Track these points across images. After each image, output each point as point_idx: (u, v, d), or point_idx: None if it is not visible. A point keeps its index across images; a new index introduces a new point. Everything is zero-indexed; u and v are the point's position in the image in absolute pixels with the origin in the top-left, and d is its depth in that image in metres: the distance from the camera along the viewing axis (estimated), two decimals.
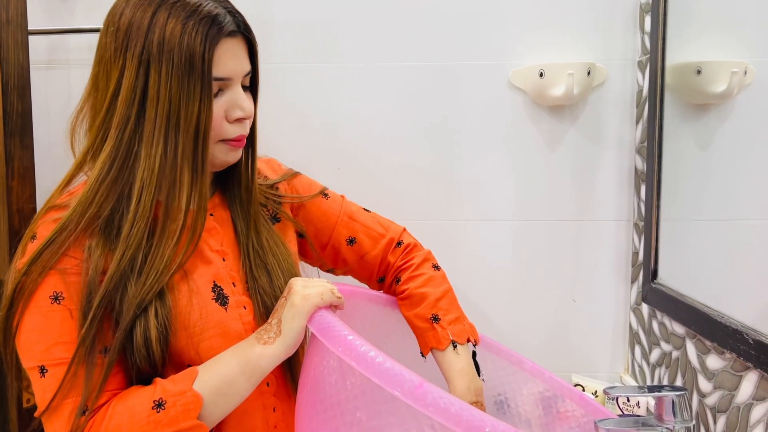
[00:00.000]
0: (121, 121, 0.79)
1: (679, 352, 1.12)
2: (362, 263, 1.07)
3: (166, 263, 0.79)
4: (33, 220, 0.83)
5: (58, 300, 0.76)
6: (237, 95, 0.85)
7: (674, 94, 1.17)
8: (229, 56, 0.83)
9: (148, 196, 0.79)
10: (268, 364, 0.79)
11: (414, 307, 1.01)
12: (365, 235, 1.06)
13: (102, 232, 0.79)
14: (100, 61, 0.83)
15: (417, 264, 1.06)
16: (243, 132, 0.87)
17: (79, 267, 0.78)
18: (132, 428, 0.73)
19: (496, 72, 1.34)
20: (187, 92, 0.79)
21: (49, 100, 1.37)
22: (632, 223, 1.36)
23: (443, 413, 0.59)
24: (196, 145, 0.81)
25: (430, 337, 0.98)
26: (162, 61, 0.78)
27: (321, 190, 1.07)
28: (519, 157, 1.36)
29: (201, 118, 0.80)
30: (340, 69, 1.36)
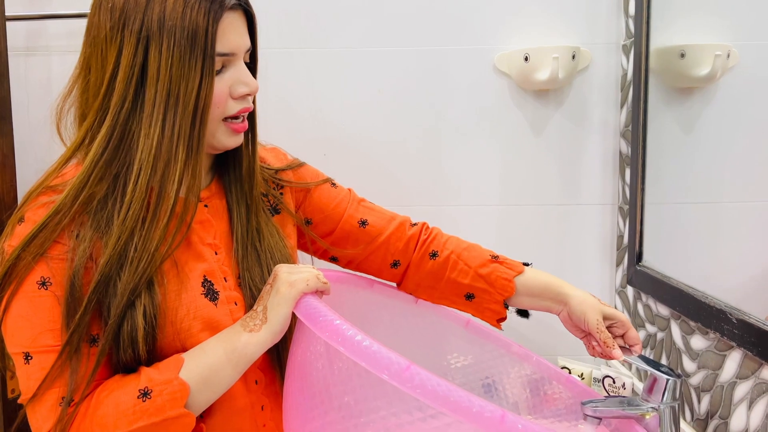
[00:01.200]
0: (118, 101, 0.77)
1: (664, 333, 1.13)
2: (374, 245, 1.04)
3: (156, 246, 0.78)
4: (22, 202, 0.79)
5: (46, 286, 0.75)
6: (241, 71, 0.83)
7: (658, 77, 1.17)
8: (232, 31, 0.80)
9: (144, 178, 0.77)
10: (255, 351, 0.78)
11: (470, 261, 1.01)
12: (377, 217, 1.05)
13: (93, 217, 0.77)
14: (94, 42, 0.80)
15: (439, 233, 1.07)
16: (246, 106, 0.85)
17: (65, 253, 0.76)
18: (118, 418, 0.72)
19: (481, 56, 1.34)
20: (188, 69, 0.76)
21: (28, 88, 1.35)
22: (617, 206, 1.36)
23: (431, 395, 0.59)
24: (193, 123, 0.78)
25: (505, 270, 0.99)
26: (163, 38, 0.76)
27: (328, 178, 1.06)
28: (504, 142, 1.36)
29: (201, 95, 0.78)
30: (325, 54, 1.35)
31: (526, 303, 1.00)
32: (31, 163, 1.23)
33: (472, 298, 1.01)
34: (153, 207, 0.78)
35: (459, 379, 1.12)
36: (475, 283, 1.00)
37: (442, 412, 0.59)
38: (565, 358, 1.36)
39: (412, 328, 1.07)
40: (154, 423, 0.72)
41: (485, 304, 1.01)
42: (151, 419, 0.72)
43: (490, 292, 0.99)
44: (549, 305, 0.98)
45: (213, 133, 0.83)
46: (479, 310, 1.02)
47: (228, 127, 0.84)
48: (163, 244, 0.78)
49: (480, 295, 1.00)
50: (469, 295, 1.01)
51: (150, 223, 0.78)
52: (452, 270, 1.02)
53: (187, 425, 0.74)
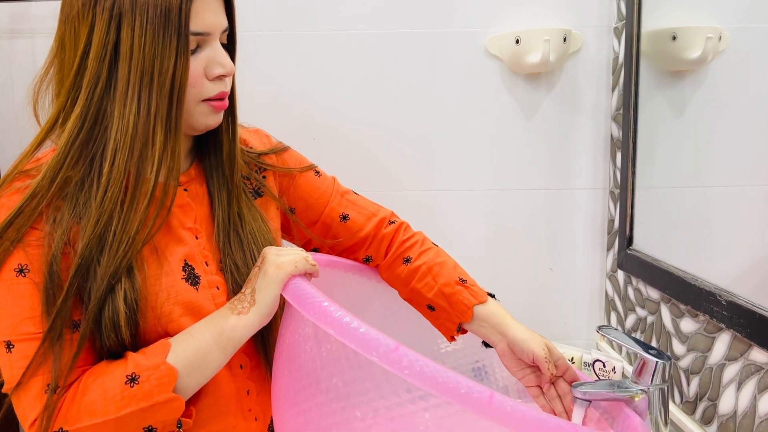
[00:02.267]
0: (91, 80, 0.75)
1: (654, 316, 1.13)
2: (353, 240, 1.03)
3: (137, 229, 0.76)
4: (1, 181, 0.78)
5: (24, 273, 0.73)
6: (216, 51, 0.81)
7: (650, 60, 1.17)
8: (207, 9, 0.78)
9: (122, 159, 0.75)
10: (243, 334, 0.78)
11: (438, 278, 0.99)
12: (358, 213, 1.04)
13: (70, 201, 0.76)
14: (66, 20, 0.78)
15: (422, 240, 1.05)
16: (224, 89, 0.83)
17: (41, 239, 0.74)
18: (106, 404, 0.71)
19: (472, 39, 1.33)
20: (162, 47, 0.75)
21: (12, 70, 1.33)
22: (608, 190, 1.36)
23: (419, 376, 0.59)
24: (170, 103, 0.77)
25: (467, 296, 0.97)
26: (135, 15, 0.74)
27: (312, 165, 1.04)
28: (495, 126, 1.35)
29: (177, 75, 0.76)
30: (314, 37, 1.34)
31: (473, 329, 0.98)
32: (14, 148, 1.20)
33: (433, 310, 1.01)
34: (131, 190, 0.77)
35: (449, 363, 1.12)
36: (436, 299, 0.99)
37: (430, 393, 0.59)
38: (556, 343, 1.35)
39: (403, 313, 1.07)
40: (142, 408, 0.71)
41: (441, 320, 1.00)
42: (140, 405, 0.71)
43: (449, 312, 0.98)
44: (488, 333, 0.96)
45: (191, 113, 0.82)
46: (437, 323, 1.02)
47: (208, 105, 0.82)
48: (143, 229, 0.77)
49: (439, 311, 1.00)
50: (431, 306, 1.01)
51: (129, 207, 0.76)
52: (419, 281, 1.01)
53: (177, 409, 0.73)
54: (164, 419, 0.73)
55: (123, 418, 0.71)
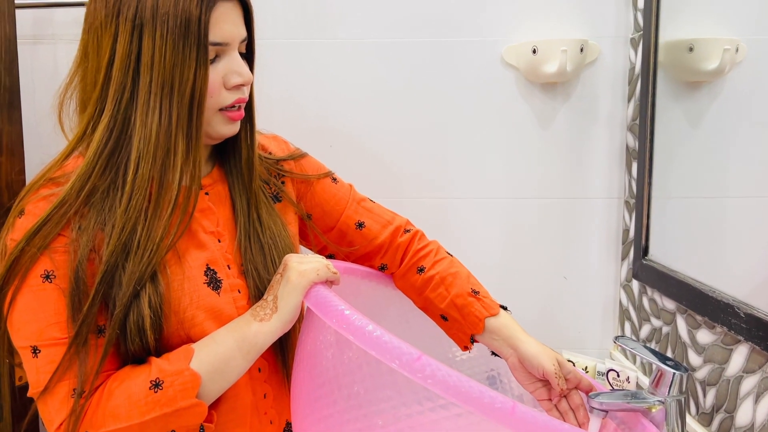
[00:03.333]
0: (117, 90, 0.76)
1: (670, 327, 1.13)
2: (369, 248, 1.04)
3: (161, 237, 0.77)
4: (21, 195, 0.79)
5: (50, 278, 0.74)
6: (234, 61, 0.82)
7: (666, 71, 1.17)
8: (226, 20, 0.79)
9: (146, 167, 0.76)
10: (265, 340, 0.79)
11: (451, 288, 0.99)
12: (373, 221, 1.04)
13: (96, 208, 0.77)
14: (90, 29, 0.79)
15: (436, 250, 1.05)
16: (242, 96, 0.84)
17: (67, 246, 0.75)
18: (130, 409, 0.72)
19: (489, 49, 1.33)
20: (182, 57, 0.76)
21: (35, 76, 1.35)
22: (623, 200, 1.36)
23: (441, 385, 0.60)
24: (191, 112, 0.78)
25: (479, 308, 0.97)
26: (156, 25, 0.75)
27: (329, 172, 1.05)
28: (511, 135, 1.36)
29: (197, 85, 0.77)
30: (331, 45, 1.35)
31: (485, 341, 0.98)
32: (37, 151, 1.23)
33: (446, 320, 1.01)
34: (155, 197, 0.78)
35: (464, 371, 1.13)
36: (449, 310, 1.00)
37: (453, 402, 0.59)
38: (570, 351, 1.36)
39: (418, 320, 1.07)
40: (166, 413, 0.72)
41: (454, 330, 1.01)
42: (164, 410, 0.72)
43: (461, 323, 0.99)
44: (499, 346, 0.97)
45: (209, 122, 0.83)
46: (450, 332, 1.02)
47: (224, 115, 0.83)
48: (166, 235, 0.78)
49: (452, 322, 1.00)
50: (444, 317, 1.01)
51: (153, 214, 0.77)
52: (432, 291, 1.01)
53: (199, 414, 0.74)
54: (187, 424, 0.74)
55: (147, 423, 0.72)
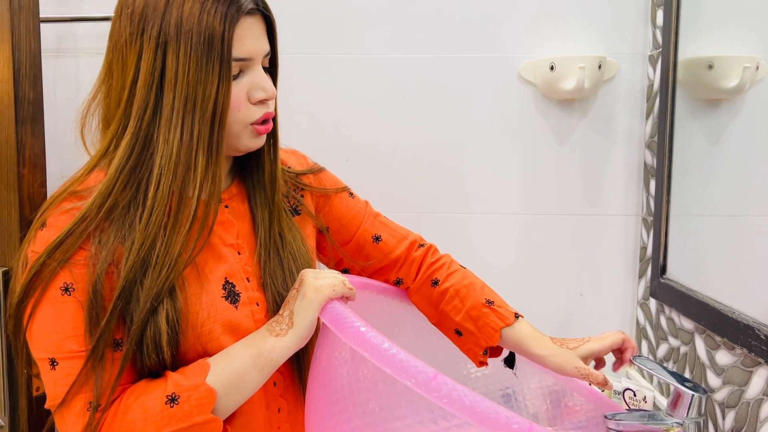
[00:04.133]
0: (140, 107, 0.77)
1: (688, 347, 1.12)
2: (384, 262, 1.05)
3: (179, 252, 0.78)
4: (43, 207, 0.80)
5: (69, 291, 0.75)
6: (258, 76, 0.82)
7: (685, 88, 1.17)
8: (249, 35, 0.80)
9: (166, 183, 0.77)
10: (281, 356, 0.78)
11: (466, 300, 1.00)
12: (389, 235, 1.05)
13: (116, 223, 0.78)
14: (115, 47, 0.80)
15: (449, 262, 1.06)
16: (268, 110, 0.84)
17: (87, 259, 0.75)
18: (146, 423, 0.72)
19: (507, 65, 1.34)
20: (205, 73, 0.76)
21: (57, 89, 1.37)
22: (640, 218, 1.35)
23: (458, 404, 0.59)
24: (212, 128, 0.78)
25: (494, 319, 0.98)
26: (180, 42, 0.76)
27: (346, 187, 1.06)
28: (528, 151, 1.36)
29: (218, 101, 0.78)
30: (350, 60, 1.36)
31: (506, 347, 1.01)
32: (58, 164, 1.24)
33: (461, 335, 1.01)
34: (175, 213, 0.78)
35: (479, 388, 1.12)
36: (464, 323, 1.00)
37: (469, 422, 0.59)
38: None
39: (433, 336, 1.07)
40: (181, 428, 0.72)
41: (469, 344, 1.01)
42: (179, 425, 0.72)
43: (476, 335, 0.99)
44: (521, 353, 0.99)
45: (237, 135, 0.83)
46: (464, 347, 1.02)
47: (253, 129, 0.84)
48: (185, 251, 0.78)
49: (467, 335, 1.01)
50: (458, 331, 1.02)
51: (172, 229, 0.78)
52: (447, 303, 1.02)
53: (215, 430, 0.74)
54: None
55: None
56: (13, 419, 1.13)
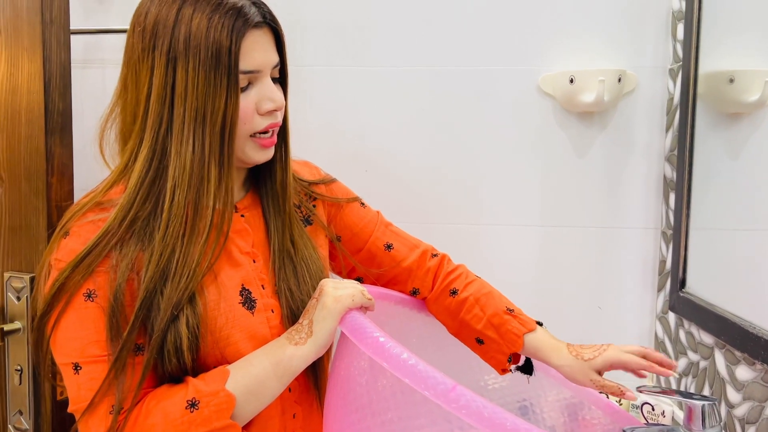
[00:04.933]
0: (155, 121, 0.79)
1: (707, 362, 1.11)
2: (396, 270, 1.06)
3: (197, 262, 0.79)
4: (66, 217, 0.82)
5: (92, 297, 0.77)
6: (266, 87, 0.84)
7: (706, 102, 1.16)
8: (257, 48, 0.82)
9: (181, 195, 0.79)
10: (299, 364, 0.80)
11: (486, 309, 1.02)
12: (401, 244, 1.07)
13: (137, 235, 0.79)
14: (129, 63, 0.83)
15: (465, 272, 1.08)
16: (274, 121, 0.86)
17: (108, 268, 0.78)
18: (166, 427, 0.74)
19: (526, 77, 1.34)
20: (213, 87, 0.78)
21: (83, 99, 1.40)
22: (660, 231, 1.35)
23: (476, 416, 0.60)
24: (222, 140, 0.80)
25: (517, 325, 0.99)
26: (189, 57, 0.78)
27: (358, 197, 1.08)
28: (546, 163, 1.36)
29: (228, 113, 0.79)
30: (370, 72, 1.37)
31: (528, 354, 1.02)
32: (84, 174, 1.26)
33: (482, 343, 1.02)
34: (191, 223, 0.80)
35: (496, 400, 1.12)
36: (485, 331, 1.01)
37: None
38: None
39: (451, 347, 1.07)
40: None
41: (492, 352, 1.02)
42: (198, 429, 0.74)
43: (499, 343, 1.00)
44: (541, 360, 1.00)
45: (242, 148, 0.85)
46: (486, 355, 1.03)
47: (256, 142, 0.85)
48: (203, 260, 0.80)
49: (489, 343, 1.01)
50: (479, 339, 1.02)
51: (189, 239, 0.80)
52: (467, 312, 1.03)
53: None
54: None
55: None
56: (37, 423, 1.15)
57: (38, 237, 1.13)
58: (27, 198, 1.13)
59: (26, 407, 1.15)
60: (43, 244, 1.12)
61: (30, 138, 1.12)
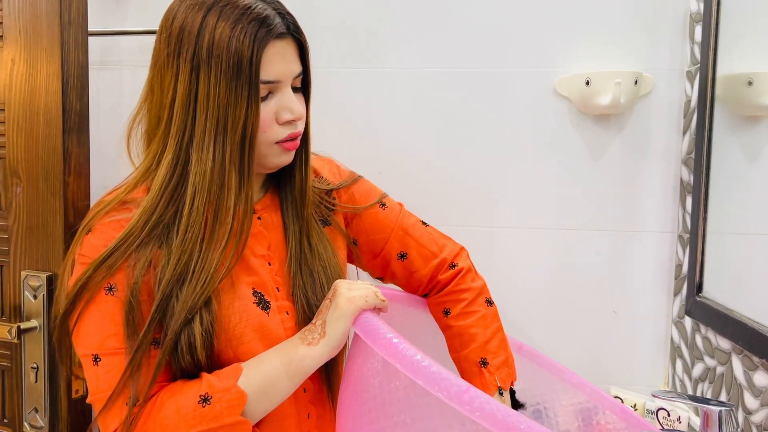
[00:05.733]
0: (179, 128, 0.80)
1: (724, 367, 1.10)
2: (410, 279, 1.05)
3: (215, 267, 0.80)
4: (90, 214, 0.83)
5: (112, 291, 0.79)
6: (286, 97, 0.84)
7: (724, 105, 1.15)
8: (278, 59, 0.82)
9: (200, 201, 0.80)
10: (311, 364, 0.80)
11: (462, 348, 0.99)
12: (417, 253, 1.03)
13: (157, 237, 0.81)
14: (155, 66, 0.84)
15: (470, 300, 1.02)
16: (294, 131, 0.86)
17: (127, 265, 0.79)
18: (178, 421, 0.75)
19: (542, 80, 1.33)
20: (234, 96, 0.79)
21: (100, 100, 1.41)
22: (676, 235, 1.33)
23: (490, 418, 0.59)
24: (243, 148, 0.81)
25: (477, 382, 0.96)
26: (211, 66, 0.78)
27: (379, 198, 1.04)
28: (562, 166, 1.35)
29: (248, 123, 0.80)
30: (384, 74, 1.37)
31: None
32: (100, 173, 1.28)
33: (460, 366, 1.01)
34: (210, 229, 0.81)
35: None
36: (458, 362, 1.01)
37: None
38: (618, 388, 1.33)
39: None
40: (211, 428, 0.74)
41: None
42: (209, 425, 0.74)
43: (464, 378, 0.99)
44: None
45: (264, 154, 0.85)
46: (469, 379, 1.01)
47: (280, 147, 0.86)
48: (221, 265, 0.81)
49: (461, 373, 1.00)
50: None
51: (208, 245, 0.81)
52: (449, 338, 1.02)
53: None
54: None
55: None
56: (52, 421, 1.16)
57: (55, 236, 1.14)
58: (44, 197, 1.14)
59: (42, 405, 1.16)
60: (60, 242, 1.13)
61: (48, 138, 1.13)
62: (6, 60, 1.15)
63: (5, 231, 1.19)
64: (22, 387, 1.18)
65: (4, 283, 1.19)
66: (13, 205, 1.17)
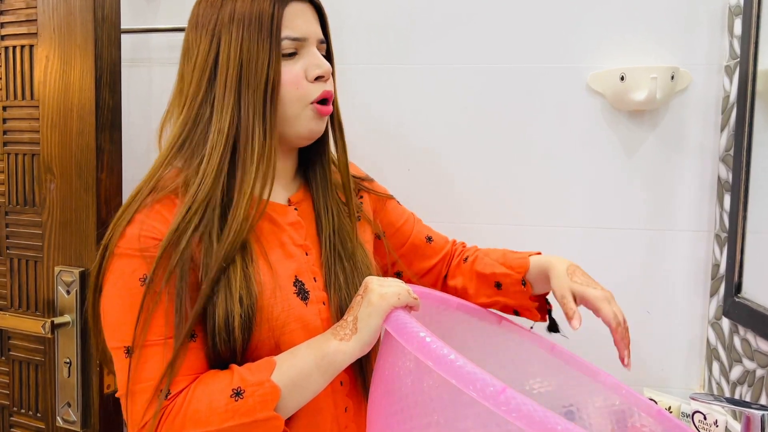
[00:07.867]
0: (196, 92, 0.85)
1: (764, 370, 1.07)
2: (436, 259, 1.12)
3: (244, 216, 0.81)
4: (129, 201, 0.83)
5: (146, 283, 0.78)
6: (313, 55, 0.87)
7: (764, 100, 1.12)
8: (300, 16, 0.85)
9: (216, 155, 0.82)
10: (343, 360, 0.79)
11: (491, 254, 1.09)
12: (437, 235, 1.14)
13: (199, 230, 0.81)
14: (183, 55, 0.88)
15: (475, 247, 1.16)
16: (327, 89, 0.88)
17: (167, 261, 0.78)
18: (210, 414, 0.74)
19: (574, 75, 1.31)
20: (256, 50, 0.82)
21: (130, 97, 1.42)
22: (713, 234, 1.30)
23: (527, 419, 0.58)
24: (265, 102, 0.83)
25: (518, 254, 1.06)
26: (233, 28, 0.82)
27: (393, 196, 1.13)
28: (595, 163, 1.33)
29: (270, 75, 0.82)
30: (414, 71, 1.36)
31: (538, 288, 1.03)
32: (131, 169, 1.29)
33: (500, 286, 1.05)
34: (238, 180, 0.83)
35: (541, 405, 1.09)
36: (496, 270, 1.04)
37: None
38: (652, 390, 1.30)
39: (496, 350, 1.05)
40: (243, 423, 0.74)
41: (510, 288, 1.03)
42: (242, 419, 0.74)
43: (510, 274, 1.03)
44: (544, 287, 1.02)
45: (298, 116, 0.87)
46: (508, 296, 1.04)
47: (314, 109, 0.87)
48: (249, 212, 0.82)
49: (504, 281, 1.04)
50: (497, 283, 1.05)
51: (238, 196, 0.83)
52: (479, 264, 1.08)
53: (275, 428, 0.75)
54: None
55: (224, 431, 0.73)
56: (85, 415, 1.17)
57: (88, 232, 1.15)
58: (77, 193, 1.15)
59: (74, 399, 1.17)
60: (92, 238, 1.14)
61: (81, 134, 1.14)
62: (40, 57, 1.17)
63: (39, 227, 1.20)
64: (55, 381, 1.19)
65: (37, 279, 1.21)
66: (47, 201, 1.18)
